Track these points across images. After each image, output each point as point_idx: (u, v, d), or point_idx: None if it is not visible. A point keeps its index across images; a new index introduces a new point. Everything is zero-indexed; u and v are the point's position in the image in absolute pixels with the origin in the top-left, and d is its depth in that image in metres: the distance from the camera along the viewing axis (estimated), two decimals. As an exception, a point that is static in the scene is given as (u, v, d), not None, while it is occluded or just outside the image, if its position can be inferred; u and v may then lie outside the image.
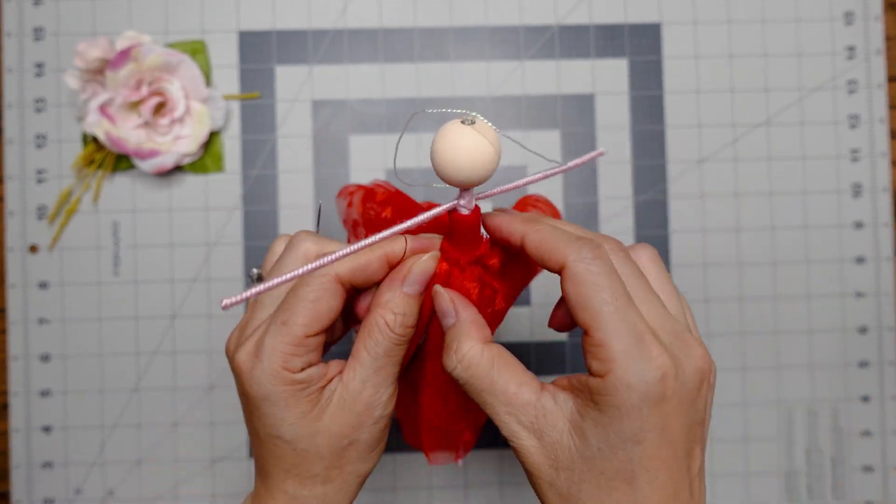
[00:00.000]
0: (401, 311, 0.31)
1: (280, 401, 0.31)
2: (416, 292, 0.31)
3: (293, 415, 0.31)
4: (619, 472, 0.27)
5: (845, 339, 0.53)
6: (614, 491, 0.27)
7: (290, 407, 0.31)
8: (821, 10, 0.53)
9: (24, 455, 0.51)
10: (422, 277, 0.31)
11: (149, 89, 0.49)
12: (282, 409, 0.31)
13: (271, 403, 0.31)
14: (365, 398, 0.31)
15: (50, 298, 0.51)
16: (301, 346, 0.30)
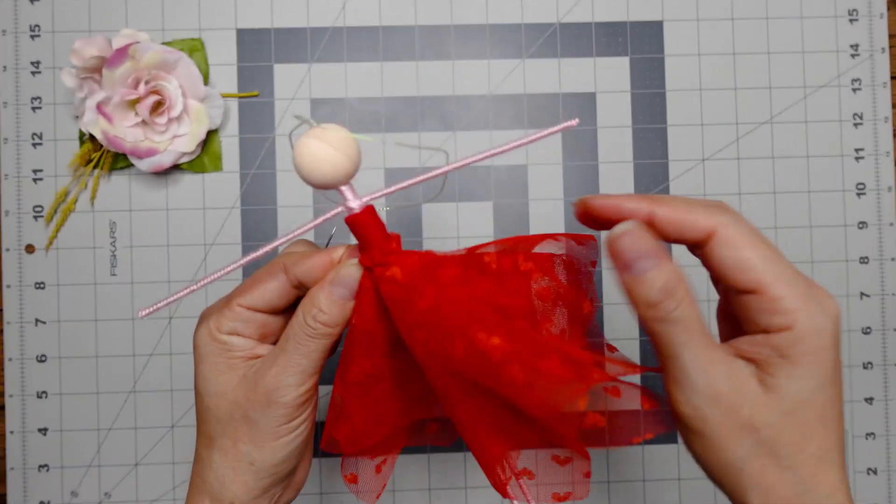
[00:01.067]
0: (319, 304, 0.33)
1: (205, 354, 0.34)
2: (340, 294, 0.33)
3: (209, 369, 0.34)
4: (818, 416, 0.27)
5: (849, 339, 0.52)
6: (814, 436, 0.27)
7: (209, 361, 0.34)
8: (825, 8, 0.53)
9: (20, 457, 0.50)
10: (345, 281, 0.33)
11: (146, 88, 0.49)
12: (203, 362, 0.34)
13: (199, 354, 0.35)
14: (269, 377, 0.33)
15: (46, 299, 0.51)
16: (231, 311, 0.34)
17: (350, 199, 0.31)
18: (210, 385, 0.34)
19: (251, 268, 0.51)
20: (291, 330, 0.33)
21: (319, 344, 0.33)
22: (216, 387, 0.34)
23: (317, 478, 0.51)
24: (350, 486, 0.36)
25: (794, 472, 0.27)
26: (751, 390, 0.27)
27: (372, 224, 0.31)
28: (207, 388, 0.34)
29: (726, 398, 0.27)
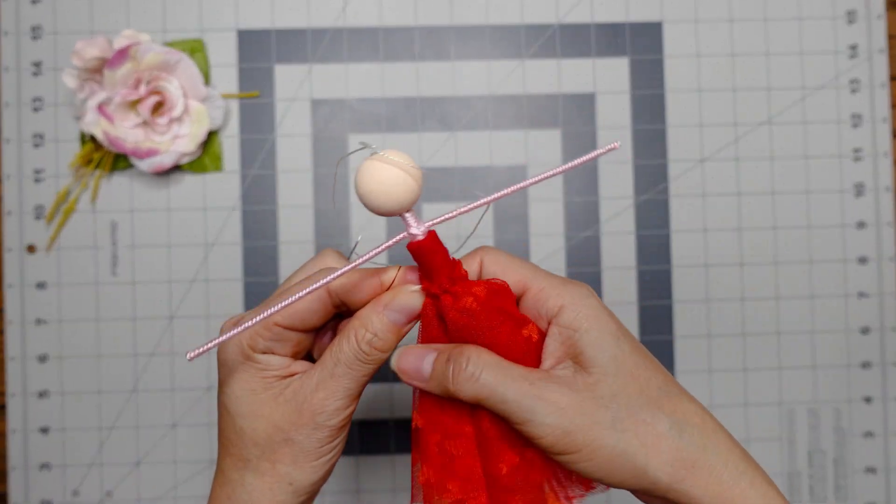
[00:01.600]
0: (374, 329, 0.32)
1: (235, 370, 0.32)
2: (395, 320, 0.32)
3: (241, 388, 0.32)
4: (635, 360, 0.32)
5: (848, 339, 0.53)
6: (651, 377, 0.31)
7: (240, 380, 0.32)
8: (823, 9, 0.53)
9: (22, 456, 0.51)
10: (404, 307, 0.32)
11: (147, 88, 0.49)
12: (234, 379, 0.32)
13: (228, 370, 0.33)
14: (315, 400, 0.32)
15: (47, 299, 0.51)
16: (269, 330, 0.32)
17: (413, 224, 0.30)
18: (244, 406, 0.32)
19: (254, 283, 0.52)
20: (341, 354, 0.32)
21: (370, 368, 0.32)
22: (251, 407, 0.32)
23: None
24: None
25: (660, 419, 0.30)
26: (578, 382, 0.30)
27: (437, 251, 0.31)
28: (240, 409, 0.32)
29: (565, 404, 0.29)
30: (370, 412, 0.52)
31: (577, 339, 0.30)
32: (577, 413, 0.29)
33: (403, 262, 0.34)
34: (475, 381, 0.29)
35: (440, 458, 0.31)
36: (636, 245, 0.52)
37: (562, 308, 0.31)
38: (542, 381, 0.30)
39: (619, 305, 0.52)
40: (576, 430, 0.29)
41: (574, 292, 0.31)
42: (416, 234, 0.30)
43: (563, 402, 0.29)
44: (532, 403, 0.29)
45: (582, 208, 0.52)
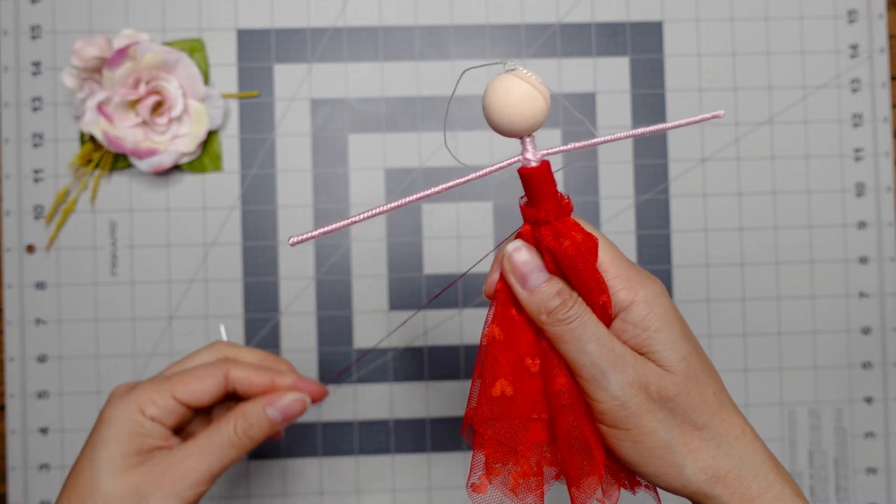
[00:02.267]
0: (252, 420, 0.37)
1: (117, 430, 0.35)
2: (273, 417, 0.38)
3: (117, 449, 0.35)
4: (701, 366, 0.32)
5: (849, 339, 0.52)
6: (707, 386, 0.31)
7: (120, 441, 0.35)
8: (824, 8, 0.53)
9: (21, 457, 0.51)
10: (285, 409, 0.38)
11: (146, 88, 0.49)
12: (112, 438, 0.35)
13: (109, 427, 0.36)
14: (180, 469, 0.35)
15: (47, 299, 0.51)
16: (165, 400, 0.36)
17: (530, 150, 0.29)
18: (112, 465, 0.35)
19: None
20: (218, 434, 0.36)
21: (235, 454, 0.37)
22: (118, 468, 0.35)
23: (317, 478, 0.51)
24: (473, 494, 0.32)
25: (708, 428, 0.30)
26: (651, 368, 0.30)
27: (548, 179, 0.30)
28: (107, 468, 0.35)
29: (636, 380, 0.29)
30: (334, 414, 0.52)
31: (647, 337, 0.30)
32: (641, 394, 0.29)
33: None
34: (568, 323, 0.29)
35: (516, 373, 0.31)
36: (637, 245, 0.52)
37: (632, 304, 0.30)
38: (623, 350, 0.30)
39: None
40: (634, 411, 0.29)
41: (647, 289, 0.31)
42: (531, 160, 0.29)
43: (634, 380, 0.29)
44: (606, 368, 0.29)
45: (582, 208, 0.52)
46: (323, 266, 0.52)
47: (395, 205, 0.29)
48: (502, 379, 0.31)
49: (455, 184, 0.29)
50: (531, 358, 0.31)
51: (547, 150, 0.30)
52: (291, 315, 0.51)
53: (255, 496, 0.51)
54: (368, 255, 0.52)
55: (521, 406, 0.31)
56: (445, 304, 0.52)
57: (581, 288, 0.30)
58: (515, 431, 0.31)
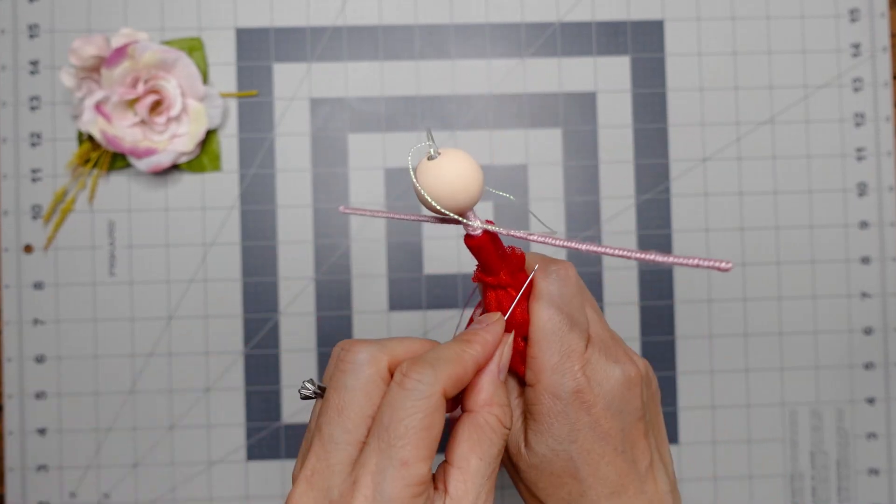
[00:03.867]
0: (506, 402, 0.29)
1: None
2: (506, 380, 0.31)
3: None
4: (564, 469, 0.30)
5: (850, 340, 0.52)
6: (564, 485, 0.30)
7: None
8: (826, 7, 0.53)
9: (19, 458, 0.50)
10: (508, 363, 0.31)
11: (145, 87, 0.49)
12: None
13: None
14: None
15: (45, 299, 0.51)
16: (424, 483, 0.26)
17: (474, 221, 0.30)
18: None
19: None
20: (493, 447, 0.28)
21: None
22: None
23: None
24: None
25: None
26: (516, 439, 0.31)
27: (491, 250, 0.31)
28: None
29: (510, 445, 0.32)
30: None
31: (527, 419, 0.32)
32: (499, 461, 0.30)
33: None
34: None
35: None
36: (637, 245, 0.52)
37: (531, 388, 0.32)
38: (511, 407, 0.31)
39: (620, 306, 0.52)
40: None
41: (549, 385, 0.31)
42: (472, 232, 0.30)
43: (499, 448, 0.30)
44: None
45: (583, 208, 0.52)
46: (322, 266, 0.51)
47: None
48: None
49: (420, 218, 0.31)
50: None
51: (488, 226, 0.30)
52: (291, 315, 0.51)
53: (253, 497, 0.51)
54: (368, 255, 0.51)
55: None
56: (445, 304, 0.51)
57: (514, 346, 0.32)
58: None
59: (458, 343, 0.28)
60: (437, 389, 0.26)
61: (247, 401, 0.51)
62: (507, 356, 0.30)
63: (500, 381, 0.29)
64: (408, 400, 0.26)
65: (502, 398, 0.29)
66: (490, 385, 0.29)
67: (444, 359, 0.27)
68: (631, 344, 0.52)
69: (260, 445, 0.51)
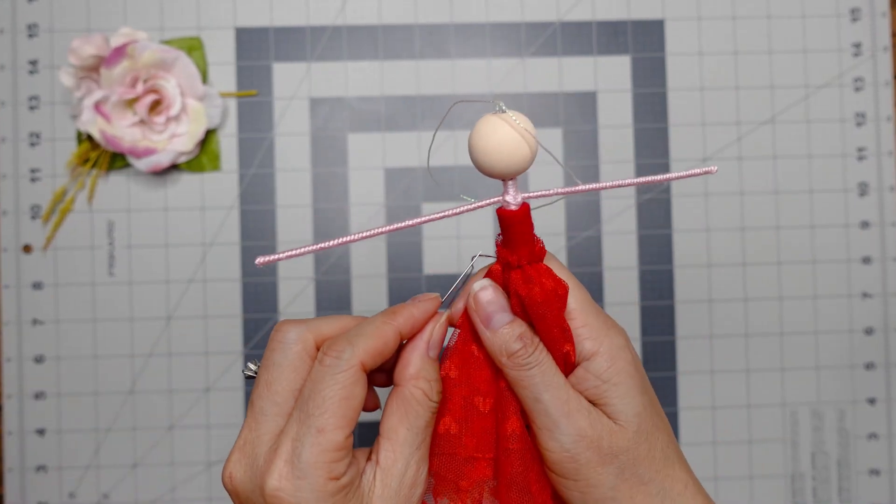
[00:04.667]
0: (433, 377, 0.30)
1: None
2: (437, 356, 0.31)
3: None
4: (652, 422, 0.31)
5: (851, 340, 0.52)
6: (657, 441, 0.31)
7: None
8: (827, 7, 0.52)
9: (18, 458, 0.50)
10: (442, 340, 0.31)
11: (144, 87, 0.49)
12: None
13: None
14: (409, 479, 0.29)
15: (44, 299, 0.51)
16: (342, 449, 0.27)
17: (511, 193, 0.29)
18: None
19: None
20: (418, 419, 0.29)
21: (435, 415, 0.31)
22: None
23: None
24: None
25: (653, 482, 0.30)
26: (604, 422, 0.30)
27: (526, 224, 0.30)
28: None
29: (588, 434, 0.29)
30: (369, 414, 0.51)
31: (606, 390, 0.30)
32: (592, 448, 0.29)
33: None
34: (528, 368, 0.29)
35: (464, 412, 0.31)
36: (638, 245, 0.52)
37: (595, 355, 0.30)
38: (578, 401, 0.30)
39: (620, 306, 0.52)
40: (584, 463, 0.29)
41: (612, 341, 0.31)
42: (510, 203, 0.29)
43: (586, 433, 0.29)
44: (560, 419, 0.29)
45: (583, 208, 0.52)
46: (322, 266, 0.51)
47: (367, 234, 0.30)
48: (448, 416, 0.31)
49: (430, 219, 0.30)
50: (482, 397, 0.31)
51: (529, 194, 0.30)
52: (290, 316, 0.51)
53: (253, 498, 0.51)
54: (368, 256, 0.51)
55: (467, 443, 0.31)
56: (445, 304, 0.51)
57: (546, 335, 0.30)
58: (459, 466, 0.31)
59: (381, 316, 0.30)
60: (353, 363, 0.28)
61: (246, 401, 0.51)
62: (439, 333, 0.31)
63: (428, 356, 0.30)
64: (326, 374, 0.28)
65: (430, 373, 0.30)
66: (417, 360, 0.30)
67: (363, 334, 0.29)
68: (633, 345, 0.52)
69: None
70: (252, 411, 0.29)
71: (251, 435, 0.29)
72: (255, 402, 0.29)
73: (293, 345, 0.30)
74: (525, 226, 0.30)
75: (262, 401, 0.29)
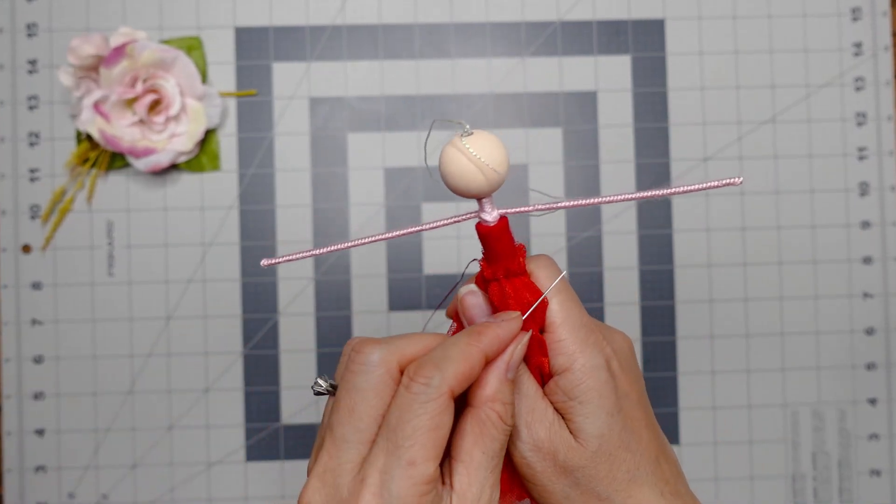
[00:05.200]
0: (510, 399, 0.29)
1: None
2: (514, 378, 0.30)
3: None
4: (619, 443, 0.30)
5: (852, 340, 0.52)
6: (622, 463, 0.30)
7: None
8: (827, 6, 0.52)
9: (17, 459, 0.50)
10: (519, 362, 0.30)
11: (143, 86, 0.49)
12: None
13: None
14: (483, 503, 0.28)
15: (43, 299, 0.50)
16: (432, 482, 0.26)
17: (487, 210, 0.29)
18: None
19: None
20: (494, 443, 0.28)
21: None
22: None
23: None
24: None
25: (611, 500, 0.30)
26: (563, 437, 0.30)
27: (502, 240, 0.30)
28: None
29: (545, 446, 0.29)
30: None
31: (571, 407, 0.30)
32: (547, 459, 0.29)
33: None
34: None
35: None
36: (638, 245, 0.52)
37: (567, 371, 0.30)
38: (543, 413, 0.30)
39: (620, 306, 0.52)
40: (539, 471, 0.29)
41: (587, 361, 0.30)
42: (487, 219, 0.30)
43: (543, 445, 0.29)
44: (521, 426, 0.29)
45: (583, 208, 0.52)
46: (322, 266, 0.51)
47: (371, 240, 0.29)
48: None
49: (416, 230, 0.30)
50: None
51: (507, 210, 0.30)
52: (290, 315, 0.51)
53: (252, 498, 0.51)
54: (368, 256, 0.51)
55: None
56: (445, 304, 0.51)
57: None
58: None
59: (466, 337, 0.29)
60: (443, 391, 0.27)
61: (246, 401, 0.51)
62: (519, 355, 0.30)
63: (507, 378, 0.29)
64: (415, 402, 0.27)
65: (506, 395, 0.29)
66: (495, 381, 0.29)
67: (451, 358, 0.27)
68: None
69: (259, 446, 0.51)
70: (332, 437, 0.28)
71: (332, 463, 0.27)
72: (336, 428, 0.28)
73: (376, 367, 0.28)
74: (502, 241, 0.30)
75: (343, 427, 0.28)
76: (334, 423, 0.28)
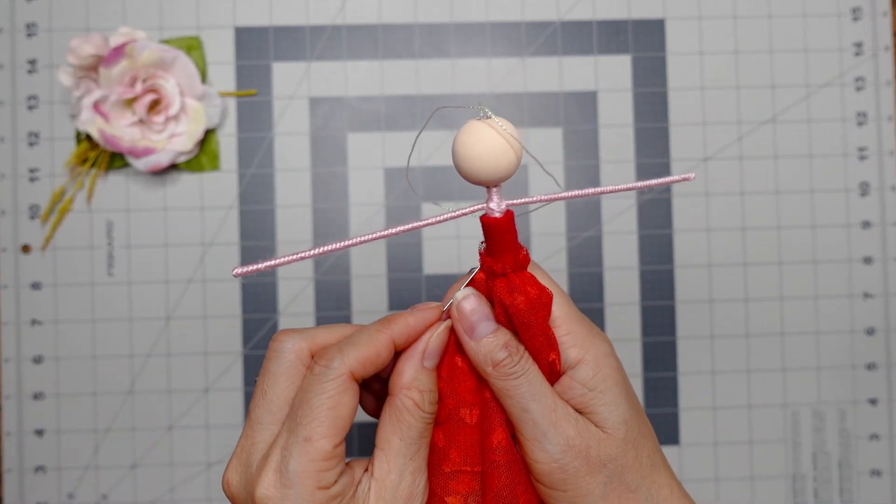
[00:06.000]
0: (427, 387, 0.30)
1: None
2: (433, 366, 0.30)
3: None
4: (639, 429, 0.31)
5: (853, 340, 0.52)
6: (643, 448, 0.31)
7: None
8: (828, 6, 0.52)
9: (17, 459, 0.50)
10: (439, 350, 0.31)
11: (143, 86, 0.49)
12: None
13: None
14: (404, 491, 0.29)
15: (43, 299, 0.50)
16: (331, 458, 0.28)
17: (495, 200, 0.29)
18: None
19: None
20: (411, 430, 0.29)
21: (432, 426, 0.30)
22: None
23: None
24: None
25: (640, 489, 0.30)
26: (592, 431, 0.30)
27: (510, 231, 0.29)
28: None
29: (576, 443, 0.29)
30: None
31: (592, 398, 0.30)
32: (580, 457, 0.29)
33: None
34: (514, 378, 0.29)
35: (450, 424, 0.31)
36: (638, 245, 0.52)
37: (581, 363, 0.30)
38: (565, 410, 0.30)
39: (620, 306, 0.52)
40: (572, 473, 0.29)
41: (597, 349, 0.31)
42: (494, 210, 0.29)
43: (575, 442, 0.29)
44: (547, 428, 0.29)
45: (584, 208, 0.52)
46: (322, 266, 0.51)
47: (349, 243, 0.29)
48: (434, 429, 0.31)
49: (416, 226, 0.30)
50: (468, 408, 0.31)
51: (513, 201, 0.29)
52: (290, 316, 0.51)
53: (253, 498, 0.51)
54: (368, 256, 0.51)
55: (453, 456, 0.30)
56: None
57: (531, 344, 0.30)
58: (445, 481, 0.30)
59: (375, 325, 0.30)
60: (342, 372, 0.28)
61: (246, 401, 0.51)
62: (436, 343, 0.30)
63: (423, 366, 0.30)
64: (315, 383, 0.28)
65: (423, 383, 0.29)
66: (410, 369, 0.30)
67: (354, 343, 0.29)
68: (632, 345, 0.52)
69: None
70: (249, 419, 0.30)
71: (247, 443, 0.29)
72: (252, 411, 0.30)
73: (288, 353, 0.30)
74: (509, 233, 0.29)
75: (257, 409, 0.29)
76: (251, 406, 0.30)
